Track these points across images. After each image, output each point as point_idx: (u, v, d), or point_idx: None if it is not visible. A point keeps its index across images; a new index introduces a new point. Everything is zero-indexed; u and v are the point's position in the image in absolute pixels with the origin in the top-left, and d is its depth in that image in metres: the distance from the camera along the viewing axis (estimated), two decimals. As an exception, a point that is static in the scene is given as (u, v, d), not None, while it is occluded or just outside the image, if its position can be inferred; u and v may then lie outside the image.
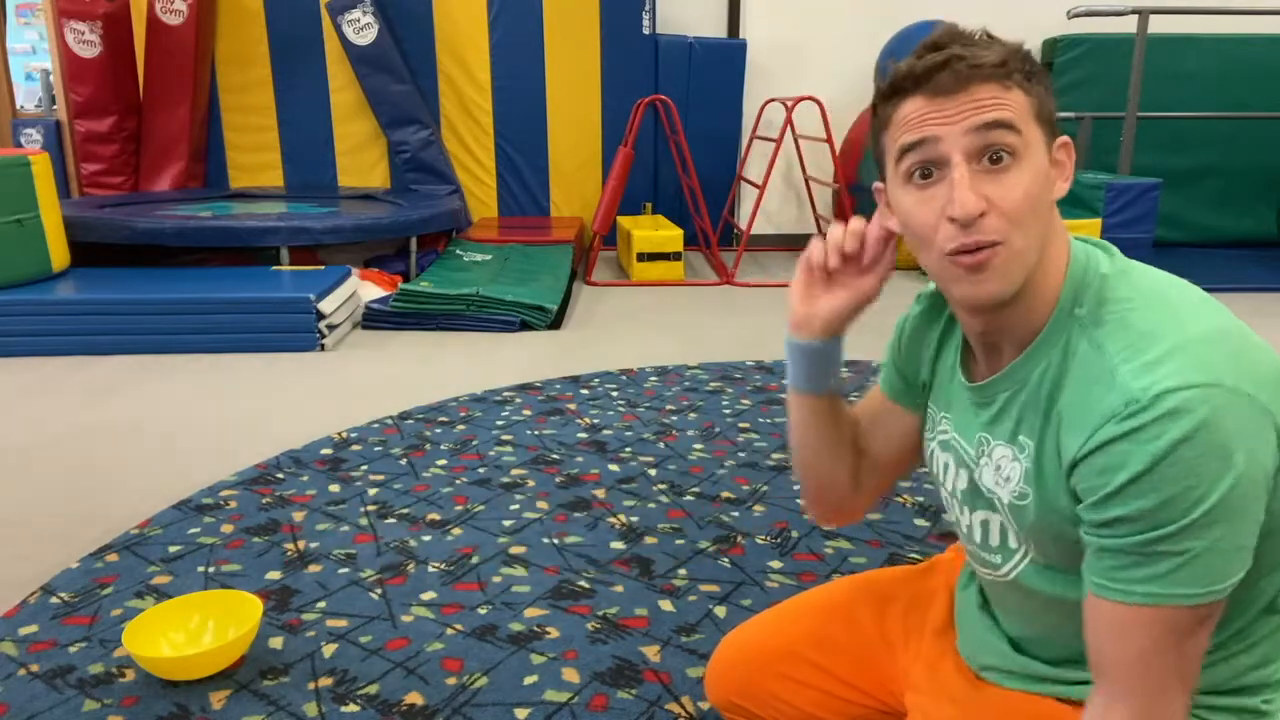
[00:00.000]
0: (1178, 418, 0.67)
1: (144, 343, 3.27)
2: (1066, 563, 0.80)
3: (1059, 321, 0.79)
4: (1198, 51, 5.19)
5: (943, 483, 0.94)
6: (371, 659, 1.46)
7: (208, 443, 2.42)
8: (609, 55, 5.33)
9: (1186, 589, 0.70)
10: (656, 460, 2.30)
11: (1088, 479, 0.72)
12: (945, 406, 0.93)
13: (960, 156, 0.75)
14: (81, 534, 1.90)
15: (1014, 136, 0.76)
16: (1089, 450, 0.72)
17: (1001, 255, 0.76)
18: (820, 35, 5.50)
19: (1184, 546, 0.69)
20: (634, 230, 4.70)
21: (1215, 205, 5.40)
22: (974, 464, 0.87)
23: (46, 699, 1.36)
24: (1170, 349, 0.71)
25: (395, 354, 3.33)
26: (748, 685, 1.15)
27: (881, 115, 0.82)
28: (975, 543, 0.91)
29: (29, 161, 3.42)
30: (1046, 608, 0.85)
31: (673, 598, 1.65)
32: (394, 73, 5.04)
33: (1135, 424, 0.69)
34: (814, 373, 0.95)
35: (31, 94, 5.64)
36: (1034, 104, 0.78)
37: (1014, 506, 0.82)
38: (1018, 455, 0.81)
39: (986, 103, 0.75)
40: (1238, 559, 0.71)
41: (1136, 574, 0.71)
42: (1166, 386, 0.68)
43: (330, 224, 4.02)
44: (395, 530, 1.91)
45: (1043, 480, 0.79)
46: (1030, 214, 0.76)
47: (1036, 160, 0.77)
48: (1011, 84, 0.77)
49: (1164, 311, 0.75)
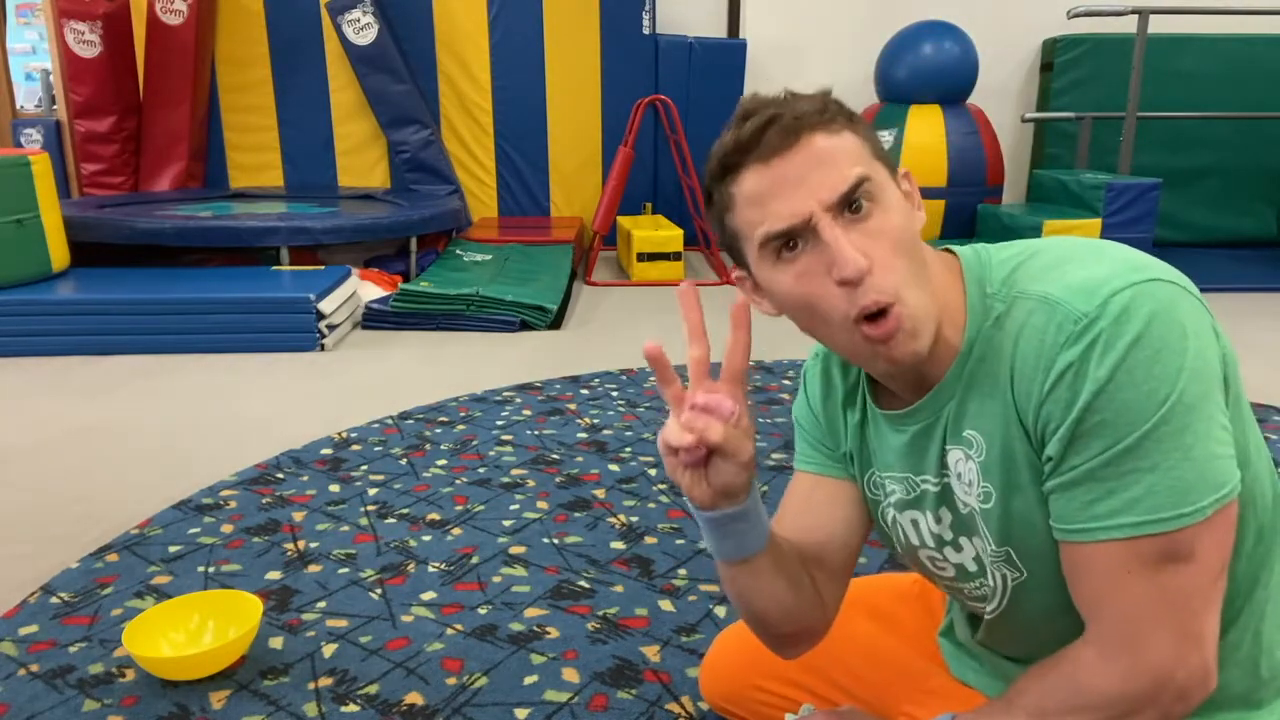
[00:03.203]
0: (1129, 317, 0.66)
1: (144, 343, 3.27)
2: (1047, 567, 0.77)
3: (975, 317, 0.76)
4: (1198, 51, 5.19)
5: (922, 543, 0.87)
6: (371, 659, 1.46)
7: (208, 443, 2.42)
8: (609, 55, 5.33)
9: (1159, 513, 0.67)
10: (656, 460, 2.30)
11: (1053, 414, 0.70)
12: (885, 466, 0.87)
13: (824, 215, 0.71)
14: (81, 534, 1.90)
15: (867, 185, 0.72)
16: (1052, 383, 0.69)
17: (904, 314, 0.72)
18: (820, 35, 5.50)
19: (1150, 462, 0.67)
20: (634, 230, 4.70)
21: (1215, 205, 5.40)
22: (947, 483, 0.82)
23: (46, 699, 1.36)
24: (1095, 262, 0.71)
25: (395, 354, 3.33)
26: (737, 685, 1.17)
27: (720, 198, 0.77)
28: (975, 579, 0.86)
29: (29, 161, 3.42)
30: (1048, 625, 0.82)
31: (673, 598, 1.65)
32: (394, 73, 5.04)
33: (1090, 338, 0.67)
34: (742, 535, 0.80)
35: (31, 94, 5.64)
36: (866, 144, 0.75)
37: (984, 512, 0.79)
38: (968, 453, 0.78)
39: (824, 153, 0.72)
40: (1212, 473, 0.67)
41: (1107, 506, 0.69)
42: (1110, 289, 0.68)
43: (330, 224, 4.02)
44: (395, 530, 1.91)
45: (1000, 465, 0.76)
46: (907, 254, 0.73)
47: (891, 196, 0.74)
48: (838, 127, 0.74)
49: (1070, 246, 0.75)
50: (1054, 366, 0.69)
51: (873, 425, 0.87)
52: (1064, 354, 0.68)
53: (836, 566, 0.92)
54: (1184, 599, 0.68)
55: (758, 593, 0.85)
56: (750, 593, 0.85)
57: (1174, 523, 0.67)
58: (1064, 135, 5.27)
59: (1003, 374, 0.74)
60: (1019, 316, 0.73)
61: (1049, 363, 0.69)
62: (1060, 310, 0.69)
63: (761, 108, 0.74)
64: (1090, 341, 0.67)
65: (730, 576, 0.84)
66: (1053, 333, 0.69)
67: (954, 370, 0.77)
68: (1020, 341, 0.72)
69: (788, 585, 0.86)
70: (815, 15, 5.49)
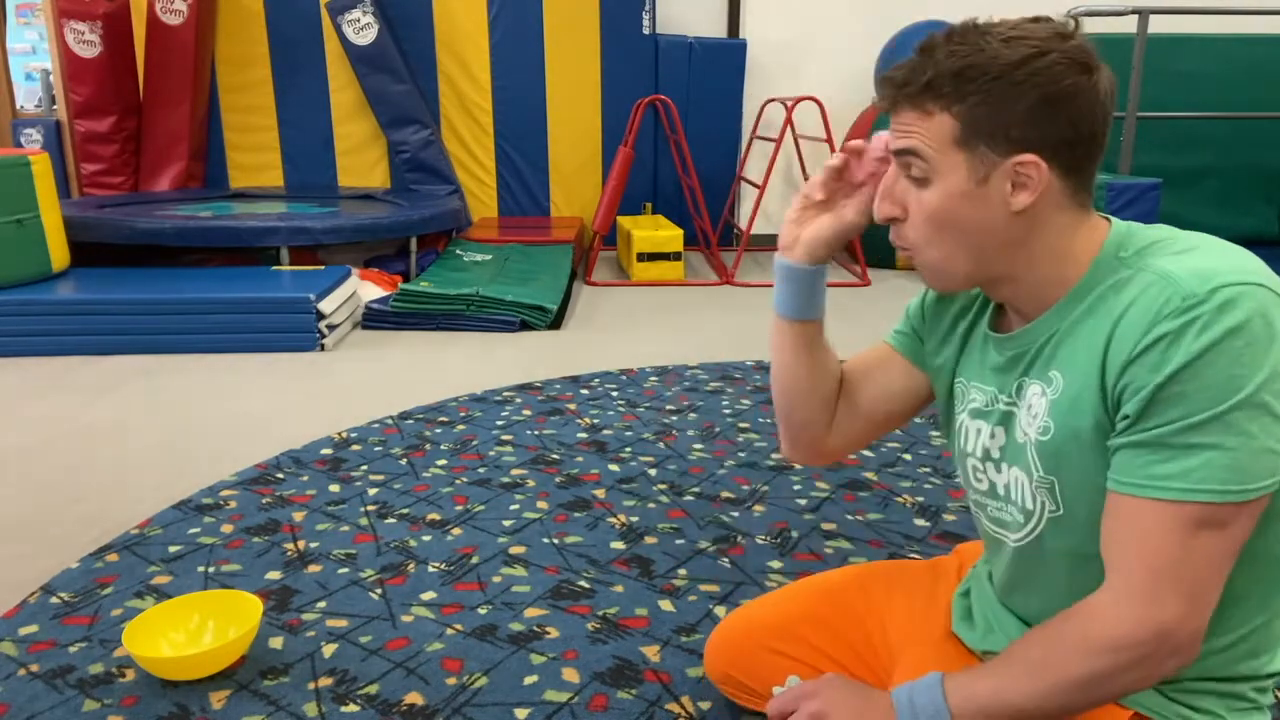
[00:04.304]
0: (1232, 309, 0.71)
1: (144, 343, 3.27)
2: (1084, 509, 0.82)
3: (1099, 271, 0.82)
4: (1198, 51, 5.19)
5: (973, 451, 0.95)
6: (371, 659, 1.46)
7: (208, 443, 2.42)
8: (609, 55, 5.33)
9: (1211, 485, 0.72)
10: (656, 460, 2.30)
11: (1138, 375, 0.75)
12: (976, 376, 0.95)
13: (893, 163, 0.86)
14: (81, 534, 1.90)
15: (919, 163, 0.83)
16: (1144, 347, 0.74)
17: (918, 261, 0.88)
18: (820, 35, 5.50)
19: (1215, 439, 0.72)
20: (634, 230, 4.70)
21: (1215, 205, 5.39)
22: (1014, 411, 0.89)
23: (46, 699, 1.36)
24: (1219, 257, 0.76)
25: (395, 354, 3.33)
26: (741, 656, 1.20)
27: None
28: (1001, 501, 0.92)
29: (29, 161, 3.42)
30: (1066, 569, 0.86)
31: (673, 598, 1.65)
32: (394, 73, 5.04)
33: (1191, 315, 0.72)
34: (795, 296, 1.01)
35: (31, 94, 5.64)
36: (959, 128, 0.80)
37: (1039, 444, 0.84)
38: (1045, 390, 0.84)
39: (900, 128, 0.83)
40: (1266, 464, 0.73)
41: (1166, 469, 0.74)
42: (1223, 281, 0.72)
43: (330, 224, 4.02)
44: (395, 530, 1.91)
45: (1069, 407, 0.81)
46: (938, 231, 0.84)
47: (949, 184, 0.82)
48: (934, 108, 0.80)
49: (1205, 240, 0.80)
50: (1151, 332, 0.74)
51: (979, 339, 0.95)
52: (1164, 324, 0.73)
53: (861, 410, 1.07)
54: (1204, 567, 0.75)
55: (792, 358, 1.04)
56: (784, 354, 1.04)
57: (1222, 496, 0.73)
58: (1064, 135, 5.26)
59: (1105, 329, 0.78)
60: (1139, 285, 0.78)
61: (1148, 328, 0.74)
62: (1173, 286, 0.74)
63: (921, 50, 0.83)
64: (1191, 319, 0.72)
65: (778, 330, 1.04)
66: (1160, 303, 0.74)
67: (1056, 311, 0.84)
68: (1132, 307, 0.77)
69: (812, 370, 1.04)
70: (815, 15, 5.49)
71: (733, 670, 1.21)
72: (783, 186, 5.70)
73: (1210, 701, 0.84)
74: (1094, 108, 0.78)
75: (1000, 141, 0.79)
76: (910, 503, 2.05)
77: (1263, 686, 0.86)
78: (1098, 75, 0.79)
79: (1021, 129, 0.78)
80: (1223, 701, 0.84)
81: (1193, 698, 0.84)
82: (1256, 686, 0.85)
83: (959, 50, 0.79)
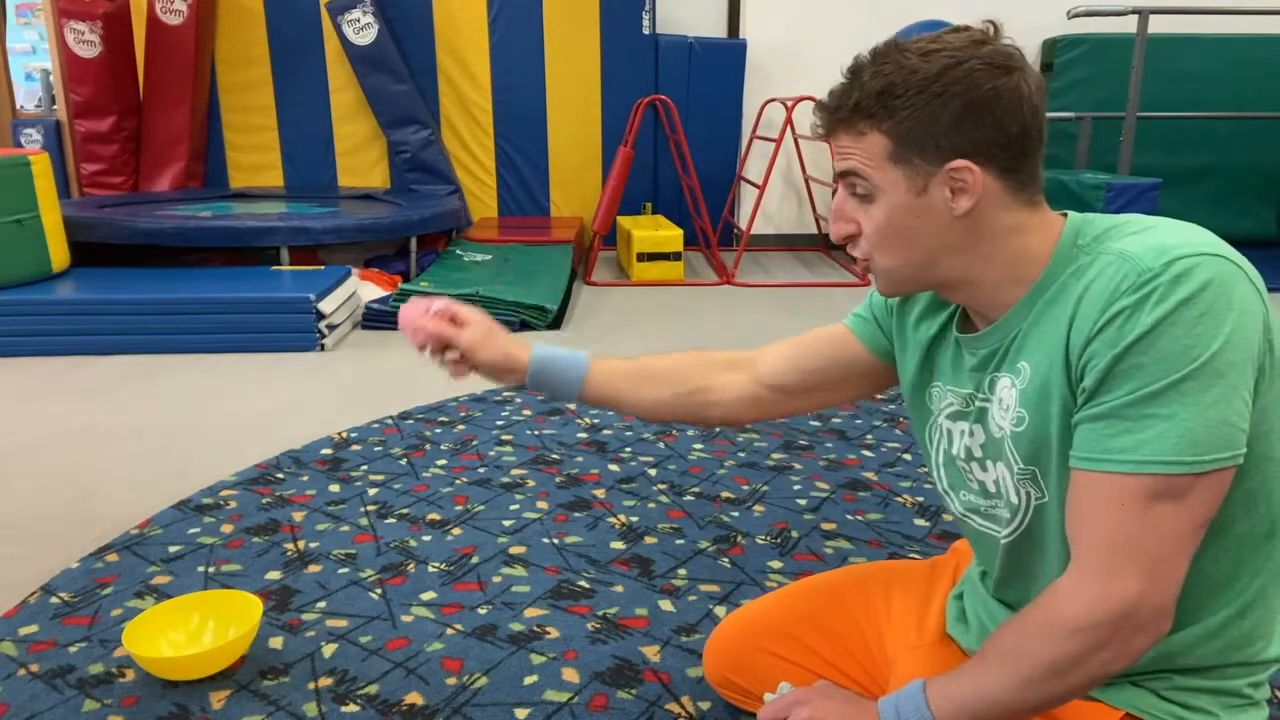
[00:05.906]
0: (1186, 279, 0.72)
1: (144, 343, 3.27)
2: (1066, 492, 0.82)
3: (1058, 263, 0.83)
4: (1198, 51, 5.19)
5: (958, 453, 0.95)
6: (371, 659, 1.46)
7: (208, 443, 2.42)
8: (609, 55, 5.33)
9: (1165, 456, 0.72)
10: (656, 460, 2.30)
11: (1098, 351, 0.75)
12: (950, 380, 0.95)
13: (840, 184, 0.88)
14: (81, 534, 1.90)
15: (861, 182, 0.85)
16: (1104, 323, 0.75)
17: (874, 268, 0.89)
18: (820, 35, 5.49)
19: (1169, 410, 0.72)
20: (634, 230, 4.70)
21: (1215, 205, 5.40)
22: (988, 407, 0.89)
23: (46, 699, 1.36)
24: (1176, 233, 0.77)
25: (395, 354, 3.33)
26: (739, 660, 1.20)
27: None
28: (992, 499, 0.92)
29: (29, 161, 3.42)
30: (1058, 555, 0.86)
31: (673, 598, 1.65)
32: (394, 73, 5.04)
33: (1149, 289, 0.73)
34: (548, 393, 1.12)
35: (31, 94, 5.64)
36: (890, 144, 0.82)
37: (1015, 435, 0.85)
38: (1014, 381, 0.85)
39: (840, 150, 0.86)
40: (1221, 435, 0.72)
41: (1120, 442, 0.74)
42: (1178, 254, 0.73)
43: (330, 224, 4.02)
44: (395, 530, 1.91)
45: (1038, 393, 0.82)
46: (889, 242, 0.85)
47: (891, 198, 0.84)
48: (866, 128, 0.83)
49: (1161, 221, 0.81)
50: (1110, 308, 0.75)
51: (950, 344, 0.96)
52: (1122, 299, 0.74)
53: (795, 389, 1.11)
54: (1162, 541, 0.74)
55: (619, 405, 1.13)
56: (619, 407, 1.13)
57: (1174, 468, 0.72)
58: (1064, 135, 5.26)
59: (1067, 313, 0.79)
60: (1098, 267, 0.79)
61: (1107, 304, 0.75)
62: (1129, 263, 0.75)
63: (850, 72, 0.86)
64: (1147, 293, 0.73)
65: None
66: (1118, 280, 0.75)
67: (1022, 305, 0.84)
68: (1092, 287, 0.78)
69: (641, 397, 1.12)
70: (815, 15, 5.49)
71: (732, 674, 1.22)
72: (783, 186, 5.70)
73: (1204, 699, 0.84)
74: (1019, 107, 0.80)
75: (931, 152, 0.81)
76: (910, 503, 2.05)
77: (1258, 680, 0.86)
78: (1019, 76, 0.80)
79: (950, 137, 0.80)
80: (1217, 699, 0.84)
81: (1186, 695, 0.84)
82: (1252, 681, 0.85)
83: (881, 70, 0.81)
